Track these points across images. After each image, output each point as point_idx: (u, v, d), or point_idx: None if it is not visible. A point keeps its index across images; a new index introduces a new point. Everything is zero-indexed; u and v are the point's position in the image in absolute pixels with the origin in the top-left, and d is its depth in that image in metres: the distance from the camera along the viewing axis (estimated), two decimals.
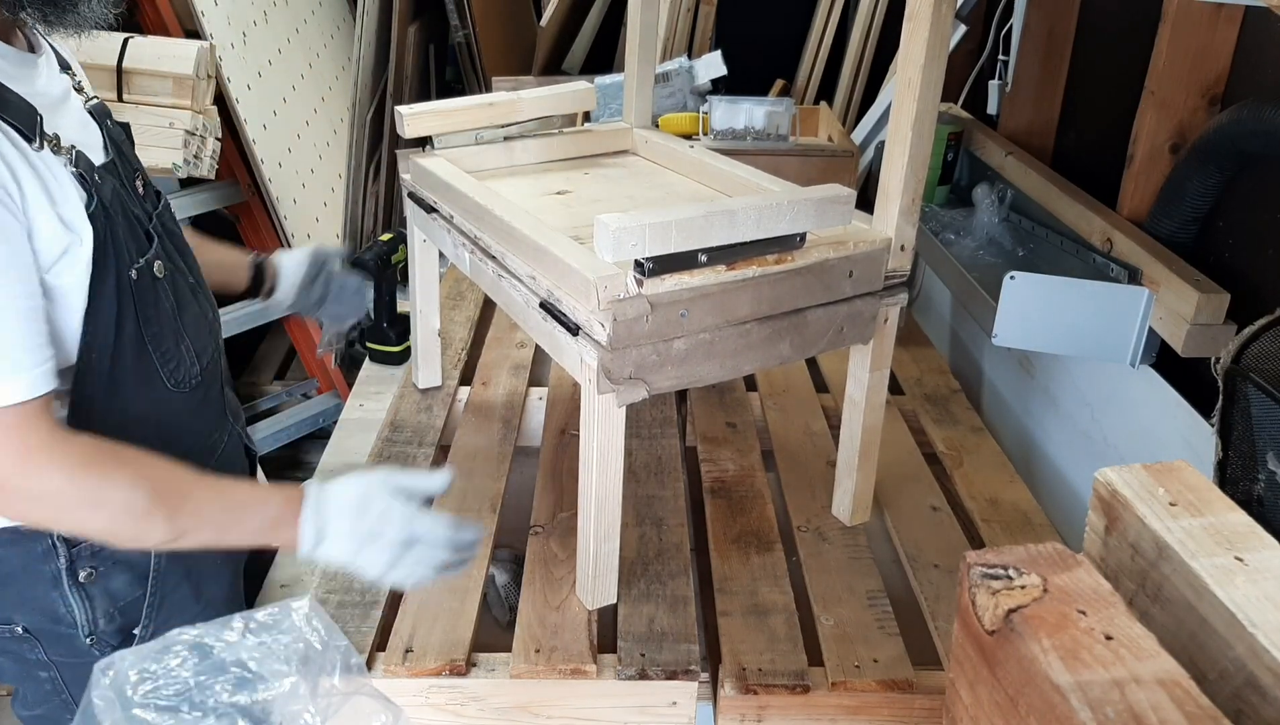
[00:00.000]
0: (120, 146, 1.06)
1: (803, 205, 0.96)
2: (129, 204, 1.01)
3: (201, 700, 0.86)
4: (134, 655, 0.88)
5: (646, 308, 0.93)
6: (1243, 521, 0.61)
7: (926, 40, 0.96)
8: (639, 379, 0.96)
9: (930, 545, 1.22)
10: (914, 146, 1.01)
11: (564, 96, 1.39)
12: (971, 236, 1.66)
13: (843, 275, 1.04)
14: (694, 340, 0.98)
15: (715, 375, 1.02)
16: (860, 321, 1.09)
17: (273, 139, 2.81)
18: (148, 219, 1.05)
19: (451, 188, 1.20)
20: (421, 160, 1.30)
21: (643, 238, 0.88)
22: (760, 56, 2.95)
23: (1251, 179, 1.24)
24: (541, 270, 1.02)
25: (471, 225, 1.17)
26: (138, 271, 0.99)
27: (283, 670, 0.89)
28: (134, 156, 1.10)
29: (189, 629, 0.90)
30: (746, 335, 1.01)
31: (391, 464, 1.37)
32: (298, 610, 0.93)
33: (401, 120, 1.30)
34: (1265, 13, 1.17)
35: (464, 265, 1.22)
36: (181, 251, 1.12)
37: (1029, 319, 1.35)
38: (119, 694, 0.85)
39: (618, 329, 0.92)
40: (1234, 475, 0.96)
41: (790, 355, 1.06)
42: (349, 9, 3.39)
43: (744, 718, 1.01)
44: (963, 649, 0.62)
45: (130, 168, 1.07)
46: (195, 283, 1.14)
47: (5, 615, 1.05)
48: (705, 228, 0.92)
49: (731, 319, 0.99)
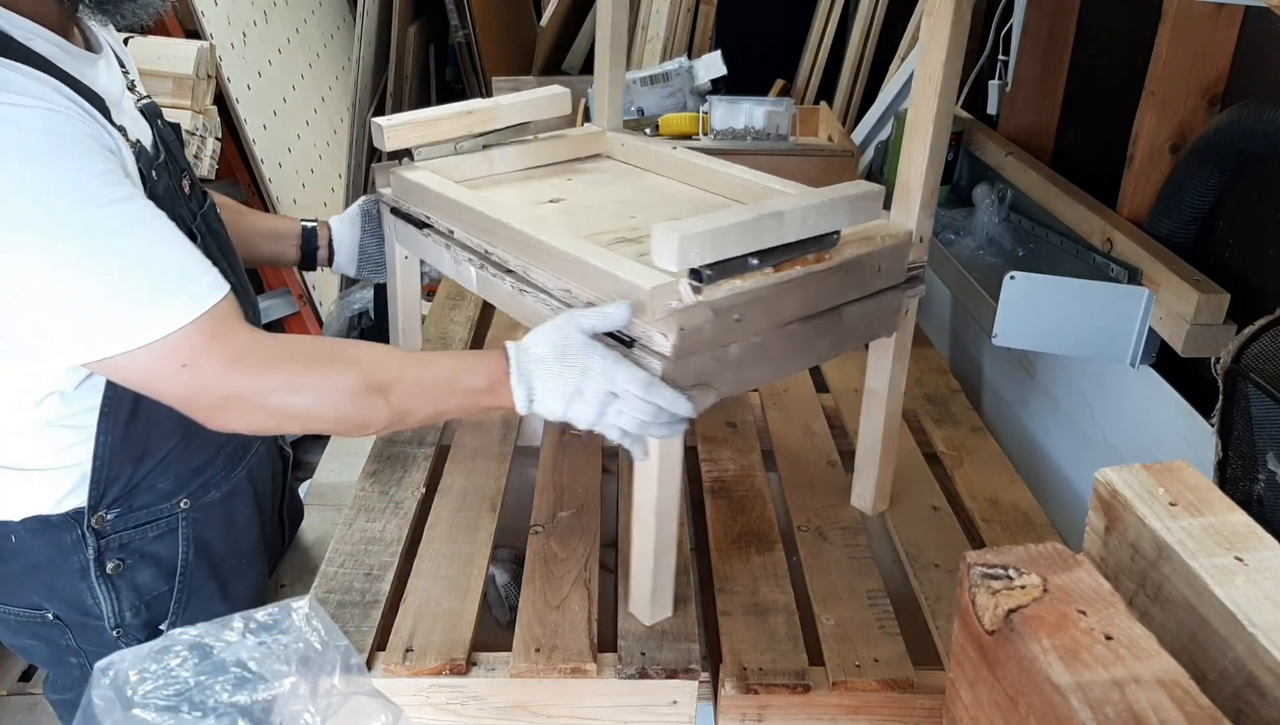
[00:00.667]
0: (169, 146, 1.08)
1: (840, 203, 0.98)
2: (176, 202, 1.02)
3: (201, 700, 0.86)
4: (134, 655, 0.88)
5: (710, 315, 0.92)
6: (1243, 521, 0.61)
7: (949, 36, 0.98)
8: (704, 385, 0.96)
9: (930, 545, 1.22)
10: (935, 140, 1.03)
11: (540, 102, 1.37)
12: (971, 236, 1.66)
13: (873, 270, 1.05)
14: (747, 344, 0.98)
15: (765, 378, 1.03)
16: (886, 314, 1.11)
17: (273, 139, 2.81)
18: (191, 218, 1.06)
19: (450, 201, 1.17)
20: (407, 173, 1.25)
21: (704, 245, 0.88)
22: (760, 56, 2.95)
23: (1251, 179, 1.24)
24: (578, 283, 1.00)
25: (480, 239, 1.14)
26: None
27: (283, 670, 0.89)
28: (182, 156, 1.12)
29: (189, 629, 0.91)
30: (792, 336, 1.02)
31: (392, 464, 1.37)
32: (298, 610, 0.93)
33: (381, 133, 1.24)
34: (1265, 13, 1.17)
35: (469, 281, 1.18)
36: (224, 250, 1.13)
37: (1029, 319, 1.35)
38: (119, 694, 0.85)
39: (683, 338, 0.91)
40: (1234, 475, 0.96)
41: (828, 353, 1.08)
42: (349, 9, 3.39)
43: (744, 717, 1.01)
44: (963, 649, 0.62)
45: (178, 167, 1.08)
46: (236, 281, 1.14)
47: (36, 602, 1.07)
48: (758, 231, 0.92)
49: (779, 320, 0.99)
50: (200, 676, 0.87)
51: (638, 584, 1.07)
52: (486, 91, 2.70)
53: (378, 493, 1.30)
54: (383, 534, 1.22)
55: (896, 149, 1.97)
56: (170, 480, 1.09)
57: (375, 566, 1.16)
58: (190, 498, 1.11)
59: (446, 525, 1.24)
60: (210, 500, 1.14)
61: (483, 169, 1.34)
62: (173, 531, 1.11)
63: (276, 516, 1.30)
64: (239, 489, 1.18)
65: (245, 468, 1.18)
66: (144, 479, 1.07)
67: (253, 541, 1.21)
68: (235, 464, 1.16)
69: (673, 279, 0.91)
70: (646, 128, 2.07)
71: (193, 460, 1.11)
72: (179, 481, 1.10)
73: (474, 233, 1.15)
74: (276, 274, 3.00)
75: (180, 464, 1.09)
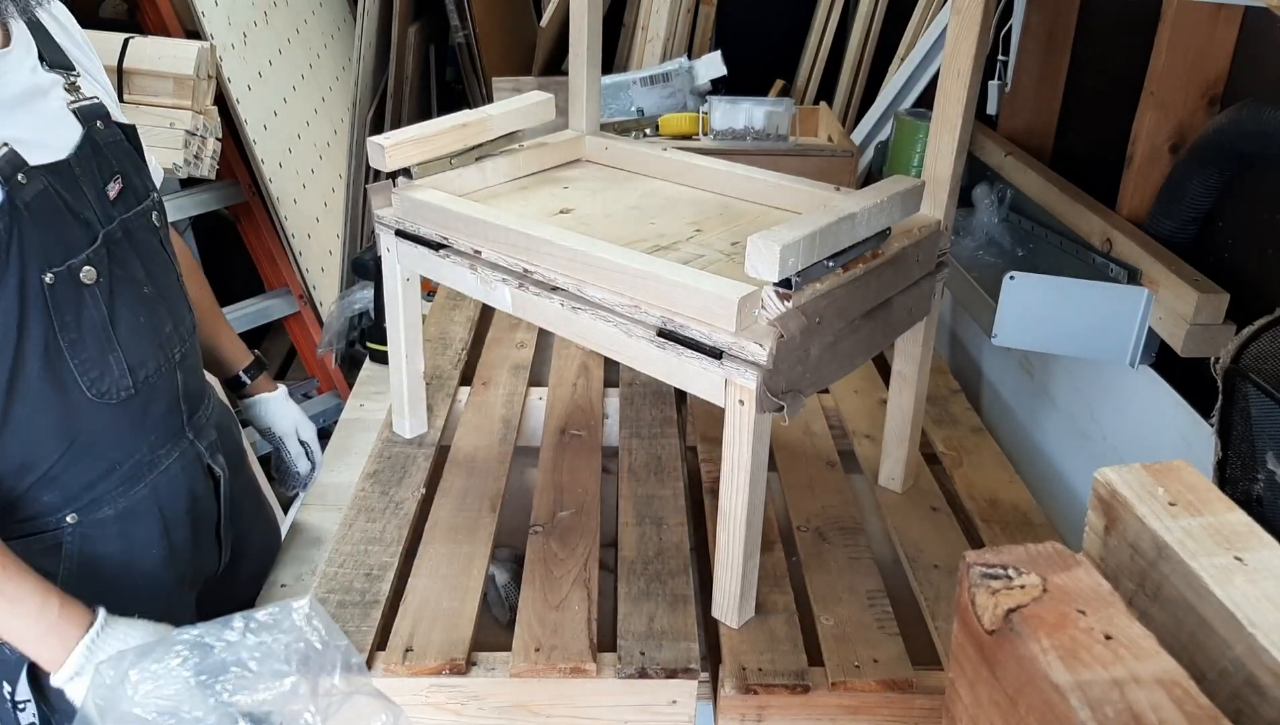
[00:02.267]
0: (101, 148, 1.04)
1: (894, 200, 1.02)
2: (75, 205, 0.99)
3: (202, 700, 0.86)
4: (134, 654, 0.88)
5: (803, 321, 0.94)
6: (1242, 521, 0.61)
7: (978, 32, 1.03)
8: (795, 392, 0.96)
9: (930, 545, 1.22)
10: (961, 133, 1.07)
11: (528, 110, 1.35)
12: (971, 236, 1.66)
13: (914, 261, 1.10)
14: (823, 344, 0.99)
15: (836, 375, 1.05)
16: (922, 300, 1.16)
17: (273, 139, 2.81)
18: (102, 222, 1.02)
19: (475, 220, 1.13)
20: (414, 194, 1.20)
21: (799, 252, 0.90)
22: (760, 56, 2.95)
23: (1251, 179, 1.24)
24: (649, 297, 0.99)
25: (519, 258, 1.09)
26: (55, 275, 0.96)
27: (283, 670, 0.89)
28: (123, 159, 1.08)
29: (189, 628, 0.91)
30: (857, 331, 1.04)
31: (392, 464, 1.37)
32: (298, 610, 0.93)
33: (381, 152, 1.18)
34: (1265, 13, 1.17)
35: (501, 302, 1.14)
36: (146, 260, 1.09)
37: (1028, 319, 1.35)
38: (119, 693, 0.85)
39: (781, 346, 0.92)
40: (1233, 475, 0.96)
41: (881, 343, 1.12)
42: (349, 9, 3.39)
43: (744, 717, 1.01)
44: (962, 649, 0.62)
45: (108, 170, 1.05)
46: (155, 293, 1.10)
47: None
48: (835, 234, 0.95)
49: (848, 318, 1.02)
50: (201, 676, 0.87)
51: (722, 591, 1.08)
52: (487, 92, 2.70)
53: (378, 493, 1.30)
54: (383, 534, 1.22)
55: (897, 149, 1.97)
56: (56, 494, 1.04)
57: (375, 566, 1.16)
58: (79, 513, 1.06)
59: (446, 525, 1.24)
60: (103, 517, 1.08)
61: (479, 181, 1.32)
62: (58, 546, 1.06)
63: (214, 537, 1.24)
64: (140, 508, 1.11)
65: (149, 485, 1.11)
66: (27, 492, 1.02)
67: (155, 562, 1.14)
68: (135, 481, 1.10)
69: (755, 288, 0.92)
70: (647, 128, 2.07)
71: (83, 475, 1.05)
72: (65, 496, 1.05)
73: (506, 251, 1.11)
74: (277, 274, 3.00)
75: (68, 478, 1.04)
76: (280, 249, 2.94)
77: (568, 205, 1.27)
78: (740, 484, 0.99)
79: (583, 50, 1.39)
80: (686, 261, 1.06)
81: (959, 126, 1.07)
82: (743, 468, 0.98)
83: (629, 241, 1.12)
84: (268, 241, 2.96)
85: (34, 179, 0.95)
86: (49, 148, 0.98)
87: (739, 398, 0.95)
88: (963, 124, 1.07)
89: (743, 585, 1.06)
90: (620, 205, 1.27)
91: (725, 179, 1.29)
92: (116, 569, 1.11)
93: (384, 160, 1.19)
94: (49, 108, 1.01)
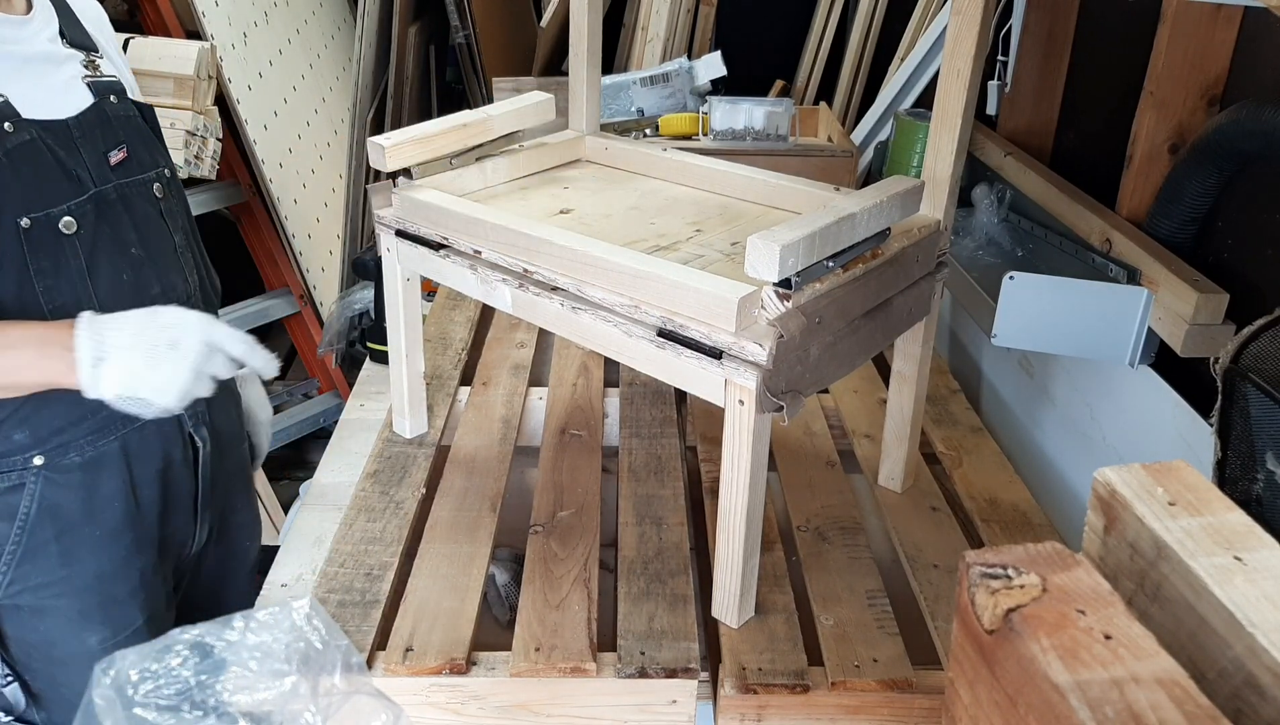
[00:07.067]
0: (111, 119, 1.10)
1: (895, 200, 1.02)
2: (68, 162, 1.04)
3: (202, 699, 0.87)
4: (135, 654, 0.88)
5: (803, 321, 0.94)
6: (1242, 521, 0.61)
7: (978, 32, 1.03)
8: (795, 392, 0.97)
9: (930, 545, 1.22)
10: (961, 133, 1.08)
11: (527, 110, 1.35)
12: (970, 237, 1.66)
13: (913, 261, 1.10)
14: (823, 344, 0.99)
15: (836, 375, 1.05)
16: (922, 300, 1.16)
17: (273, 139, 2.81)
18: (96, 182, 1.08)
19: (475, 220, 1.13)
20: (415, 194, 1.21)
21: (799, 252, 0.90)
22: (760, 56, 2.95)
23: (1250, 179, 1.24)
24: (649, 297, 0.99)
25: (519, 258, 1.10)
26: (32, 220, 1.01)
27: (283, 670, 0.89)
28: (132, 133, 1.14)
29: (190, 628, 0.91)
30: (857, 331, 1.05)
31: (392, 464, 1.37)
32: (298, 610, 0.93)
33: (381, 153, 1.19)
34: (1265, 13, 1.17)
35: (501, 302, 1.14)
36: (140, 224, 1.14)
37: (1028, 319, 1.35)
38: (120, 693, 0.85)
39: (781, 346, 0.92)
40: (1233, 475, 0.96)
41: (881, 343, 1.12)
42: (350, 9, 3.39)
43: (744, 717, 1.01)
44: (962, 649, 0.62)
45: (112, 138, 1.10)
46: (144, 256, 1.14)
47: None
48: (835, 234, 0.94)
49: (848, 318, 1.02)
50: (201, 676, 0.87)
51: (722, 590, 1.08)
52: (487, 92, 2.70)
53: (378, 493, 1.30)
54: (383, 534, 1.22)
55: (896, 149, 1.97)
56: (26, 434, 1.09)
57: (375, 566, 1.16)
58: (46, 456, 1.10)
59: (446, 525, 1.24)
60: (69, 463, 1.12)
61: (479, 182, 1.32)
62: (21, 486, 1.10)
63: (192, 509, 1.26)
64: (106, 460, 1.15)
65: (119, 439, 1.15)
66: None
67: (118, 518, 1.17)
68: (105, 433, 1.13)
69: (755, 288, 0.92)
70: (647, 128, 2.07)
71: (53, 420, 1.09)
72: (35, 437, 1.09)
73: (507, 251, 1.11)
74: (277, 274, 3.00)
75: (37, 420, 1.09)
76: (280, 249, 2.95)
77: (568, 205, 1.27)
78: (740, 484, 1.00)
79: (583, 50, 1.39)
80: (686, 262, 1.06)
81: (959, 126, 1.07)
82: (742, 468, 0.98)
83: (629, 241, 1.12)
84: (268, 241, 2.96)
85: (22, 130, 1.00)
86: (49, 108, 1.03)
87: (739, 398, 0.95)
88: (963, 124, 1.07)
89: (742, 585, 1.06)
90: (620, 205, 1.27)
91: (725, 179, 1.29)
92: (77, 518, 1.14)
93: (384, 160, 1.19)
94: (59, 75, 1.07)
